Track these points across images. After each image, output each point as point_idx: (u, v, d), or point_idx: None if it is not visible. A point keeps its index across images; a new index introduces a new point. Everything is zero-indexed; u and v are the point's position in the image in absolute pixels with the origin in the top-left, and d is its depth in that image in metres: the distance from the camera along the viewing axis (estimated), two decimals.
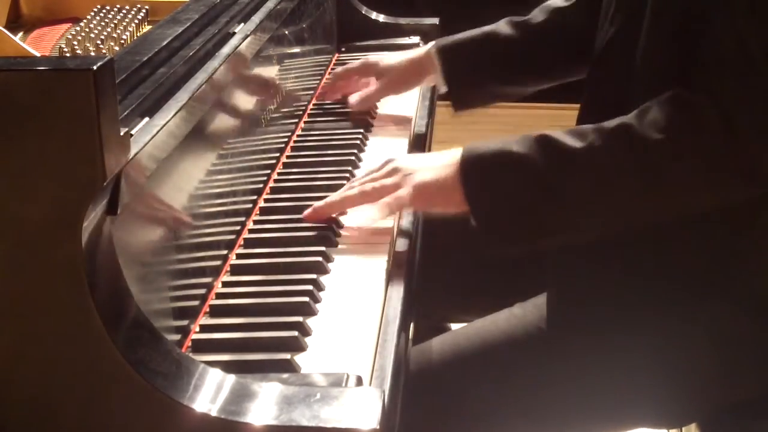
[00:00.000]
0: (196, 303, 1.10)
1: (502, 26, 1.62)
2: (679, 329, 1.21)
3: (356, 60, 1.78)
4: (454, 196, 1.19)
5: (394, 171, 1.24)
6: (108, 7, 1.62)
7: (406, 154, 1.30)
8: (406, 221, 1.33)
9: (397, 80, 1.68)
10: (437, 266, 1.47)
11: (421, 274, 1.29)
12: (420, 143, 1.64)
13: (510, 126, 1.64)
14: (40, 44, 1.52)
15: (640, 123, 1.15)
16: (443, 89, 1.65)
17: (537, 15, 1.60)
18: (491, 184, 1.19)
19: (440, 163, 1.22)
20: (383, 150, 1.59)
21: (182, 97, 1.06)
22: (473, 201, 1.18)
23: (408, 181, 1.22)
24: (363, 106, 1.69)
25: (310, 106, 1.76)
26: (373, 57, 1.77)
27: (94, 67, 0.80)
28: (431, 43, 1.65)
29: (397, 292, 1.17)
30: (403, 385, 1.03)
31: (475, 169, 1.19)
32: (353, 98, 1.70)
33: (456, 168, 1.19)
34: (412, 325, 1.18)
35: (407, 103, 1.77)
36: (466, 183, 1.18)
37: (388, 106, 1.76)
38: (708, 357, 1.21)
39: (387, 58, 1.71)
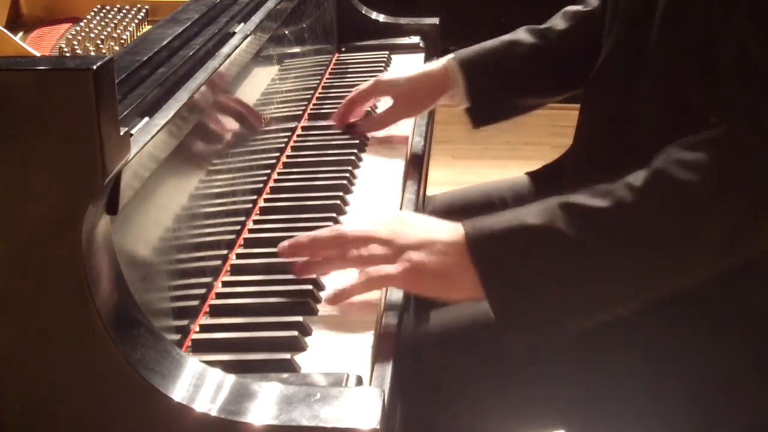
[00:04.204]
0: (196, 303, 1.10)
1: (523, 35, 1.55)
2: (679, 341, 1.20)
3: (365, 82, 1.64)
4: (460, 281, 1.07)
5: (389, 240, 1.10)
6: (108, 7, 1.62)
7: (406, 213, 1.13)
8: None
9: (410, 100, 1.57)
10: None
11: None
12: (418, 158, 1.61)
13: (507, 124, 1.62)
14: (40, 44, 1.52)
15: (671, 167, 1.04)
16: (464, 105, 1.57)
17: (558, 22, 1.55)
18: (510, 264, 1.06)
19: (442, 240, 1.09)
20: (383, 147, 1.59)
21: (182, 97, 1.06)
22: (491, 287, 1.05)
23: (403, 258, 1.08)
24: (375, 129, 1.60)
25: (311, 106, 1.76)
26: (384, 74, 1.65)
27: (94, 67, 0.80)
28: (447, 57, 1.56)
29: (398, 291, 1.17)
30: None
31: (489, 250, 1.06)
32: (364, 125, 1.60)
33: (463, 249, 1.07)
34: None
35: None
36: (480, 266, 1.05)
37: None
38: (707, 375, 1.20)
39: (398, 74, 1.60)
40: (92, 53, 1.42)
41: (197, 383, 0.87)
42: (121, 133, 0.86)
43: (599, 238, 1.05)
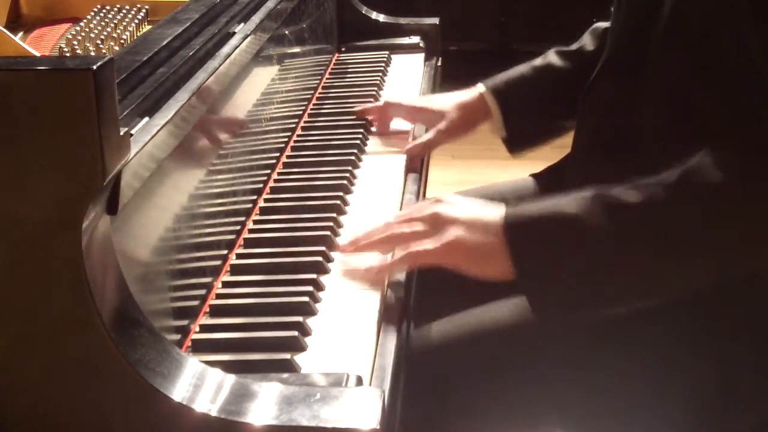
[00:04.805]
0: (196, 303, 1.10)
1: (554, 58, 1.55)
2: (679, 342, 1.20)
3: (408, 98, 1.69)
4: (495, 260, 1.11)
5: (434, 217, 1.16)
6: (108, 7, 1.61)
7: (454, 195, 1.20)
8: None
9: (453, 129, 1.57)
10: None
11: (420, 271, 1.28)
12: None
13: None
14: (40, 44, 1.52)
15: (703, 168, 1.06)
16: (500, 134, 1.58)
17: (588, 42, 1.54)
18: (542, 249, 1.10)
19: (484, 219, 1.13)
20: (383, 147, 1.59)
21: (182, 97, 1.06)
22: (522, 269, 1.10)
23: (444, 233, 1.14)
24: (420, 154, 1.58)
25: (311, 106, 1.76)
26: (420, 99, 1.68)
27: (94, 67, 0.80)
28: (480, 86, 1.57)
29: (397, 291, 1.17)
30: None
31: (524, 233, 1.10)
32: (412, 150, 1.58)
33: (500, 229, 1.11)
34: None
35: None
36: (514, 248, 1.10)
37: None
38: (707, 377, 1.20)
39: (437, 102, 1.62)
40: (92, 53, 1.42)
41: (197, 383, 0.87)
42: (121, 133, 0.86)
43: (628, 232, 1.08)
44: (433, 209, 1.17)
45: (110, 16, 1.58)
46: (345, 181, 1.43)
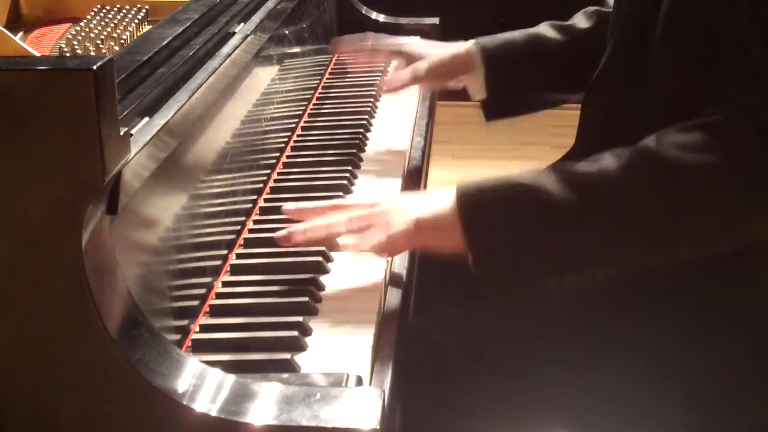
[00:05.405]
0: (196, 303, 1.10)
1: (546, 30, 1.55)
2: (679, 343, 1.20)
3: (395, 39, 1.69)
4: (453, 232, 1.10)
5: (384, 210, 1.16)
6: (108, 7, 1.61)
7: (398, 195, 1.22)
8: None
9: (432, 71, 1.57)
10: (435, 263, 1.47)
11: (419, 272, 1.28)
12: (418, 158, 1.60)
13: (507, 124, 1.61)
14: (40, 44, 1.52)
15: (661, 145, 1.07)
16: (479, 95, 1.57)
17: (580, 20, 1.55)
18: (492, 217, 1.09)
19: (435, 198, 1.13)
20: (383, 147, 1.59)
21: (182, 97, 1.06)
22: (472, 238, 1.08)
23: (400, 217, 1.13)
24: (394, 90, 1.59)
25: (311, 106, 1.76)
26: (410, 44, 1.66)
27: (94, 67, 0.80)
28: (471, 42, 1.56)
29: (397, 291, 1.17)
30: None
31: (474, 201, 1.10)
32: (386, 82, 1.60)
33: (453, 202, 1.11)
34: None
35: (405, 104, 1.77)
36: (464, 217, 1.09)
37: (385, 112, 1.76)
38: (708, 380, 1.20)
39: (422, 45, 1.62)
40: (92, 53, 1.42)
41: (197, 383, 0.87)
42: (121, 133, 0.86)
43: (579, 199, 1.07)
44: (382, 205, 1.17)
45: (110, 16, 1.58)
46: (345, 181, 1.43)
